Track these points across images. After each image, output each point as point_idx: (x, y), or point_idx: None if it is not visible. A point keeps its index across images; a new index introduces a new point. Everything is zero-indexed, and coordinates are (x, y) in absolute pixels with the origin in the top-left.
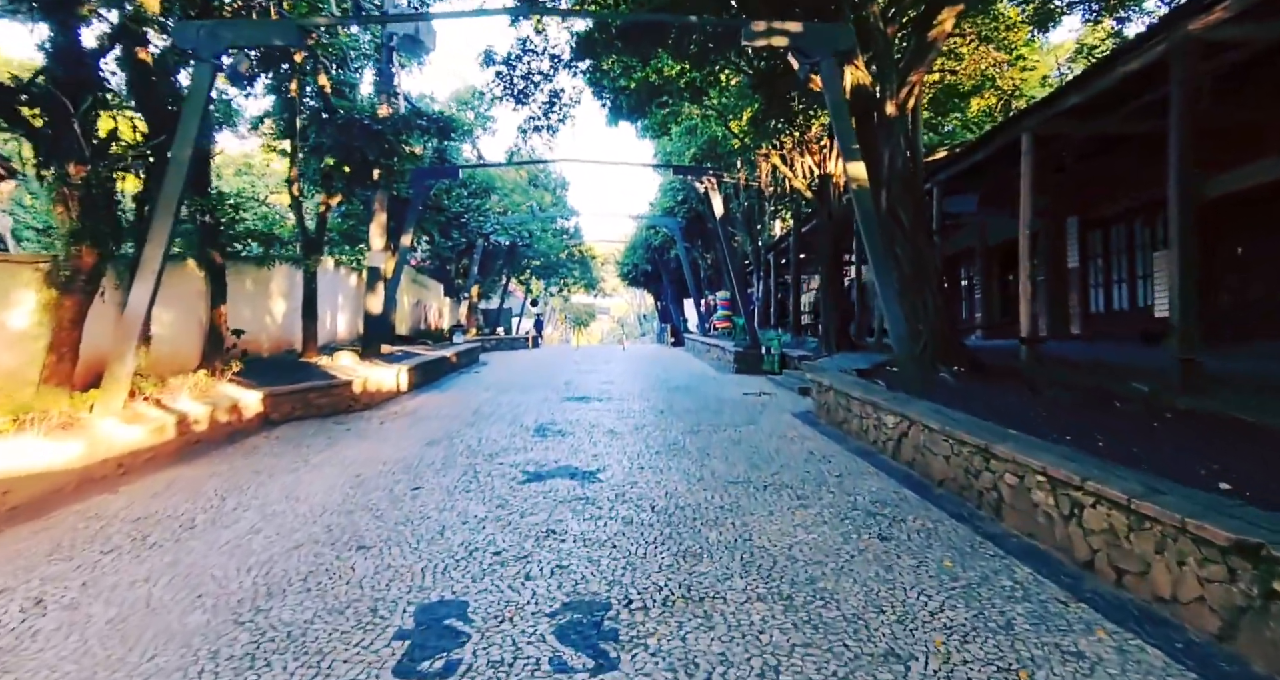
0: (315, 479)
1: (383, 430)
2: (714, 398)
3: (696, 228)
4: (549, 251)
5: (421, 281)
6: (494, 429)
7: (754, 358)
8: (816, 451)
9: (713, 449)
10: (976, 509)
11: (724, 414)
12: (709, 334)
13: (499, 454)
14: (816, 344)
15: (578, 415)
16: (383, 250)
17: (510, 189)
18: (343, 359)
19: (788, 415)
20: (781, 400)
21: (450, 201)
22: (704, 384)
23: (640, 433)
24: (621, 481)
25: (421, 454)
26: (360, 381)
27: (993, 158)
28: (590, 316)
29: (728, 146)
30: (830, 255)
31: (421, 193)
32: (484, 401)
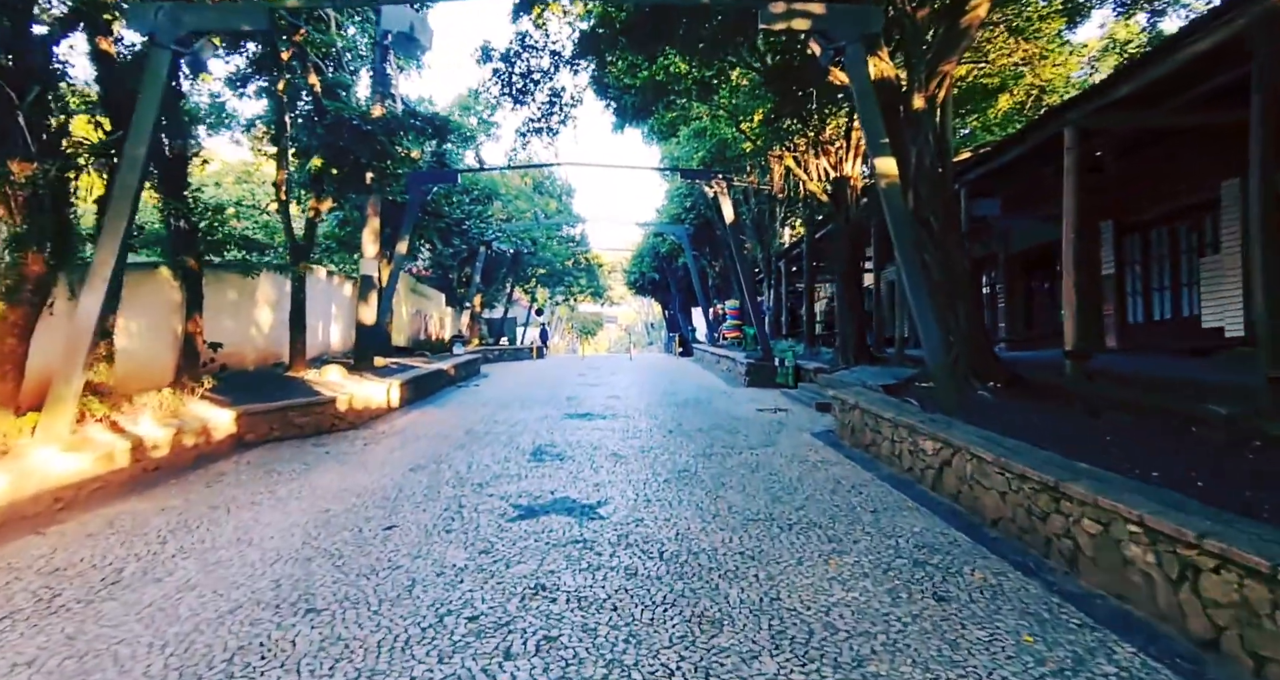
0: (277, 515)
1: (365, 453)
2: (726, 415)
3: (705, 235)
4: (554, 260)
5: (421, 290)
6: (487, 452)
7: (767, 370)
8: (844, 480)
9: (728, 477)
10: (1044, 558)
11: (738, 434)
12: (718, 344)
13: (489, 483)
14: (832, 355)
15: (580, 435)
16: (376, 257)
17: (514, 196)
18: (330, 373)
19: (807, 436)
20: (799, 417)
21: (451, 208)
22: (715, 398)
23: (647, 456)
24: (626, 518)
25: (402, 483)
26: (345, 398)
27: (1023, 157)
28: (597, 325)
29: (738, 150)
30: (847, 262)
31: (418, 198)
32: (479, 419)
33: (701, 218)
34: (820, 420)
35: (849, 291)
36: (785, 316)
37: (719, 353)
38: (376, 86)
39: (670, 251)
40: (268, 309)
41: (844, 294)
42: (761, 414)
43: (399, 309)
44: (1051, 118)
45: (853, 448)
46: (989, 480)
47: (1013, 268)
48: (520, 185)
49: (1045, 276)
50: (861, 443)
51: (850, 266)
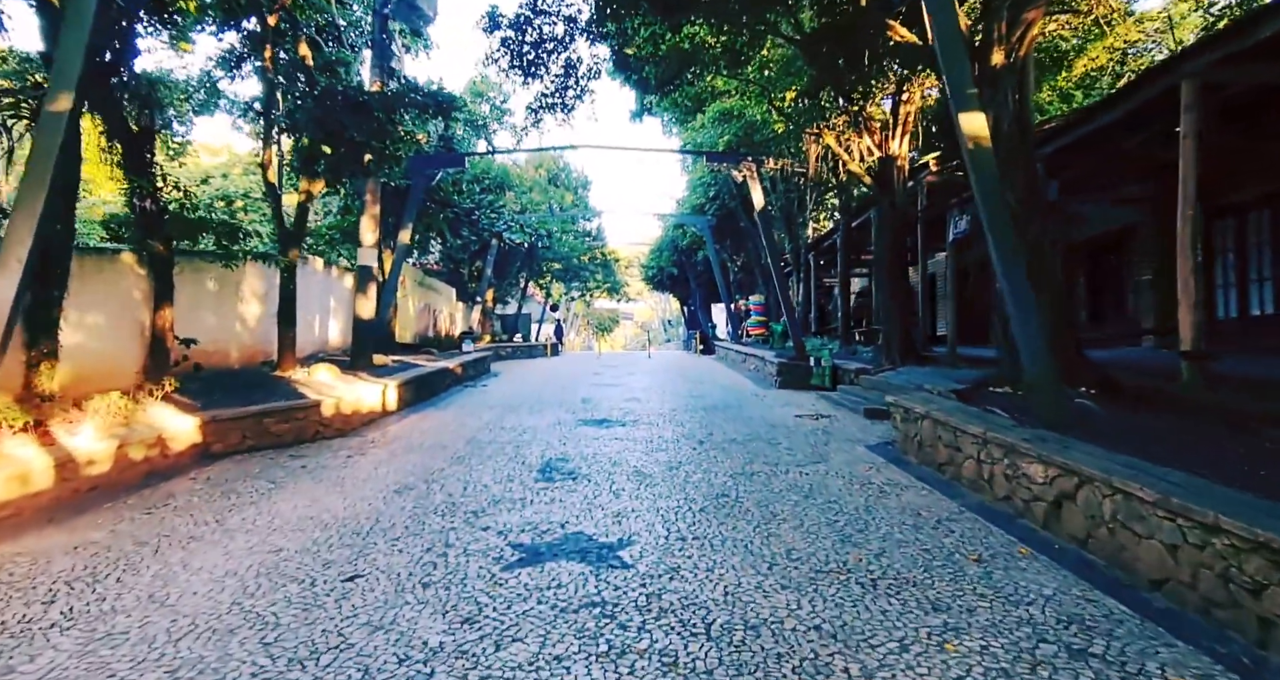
0: (215, 557)
1: (347, 468)
2: (762, 421)
3: (727, 227)
4: (570, 254)
5: (430, 284)
6: (488, 468)
7: (800, 371)
8: (924, 511)
9: (777, 504)
10: (1259, 649)
11: (779, 446)
12: (742, 341)
13: (486, 511)
14: (871, 354)
15: (596, 447)
16: (375, 246)
17: (528, 187)
18: (320, 373)
19: (861, 449)
20: (846, 426)
21: (460, 197)
22: (745, 402)
23: (676, 476)
24: (656, 566)
25: (382, 510)
26: (332, 402)
27: (1104, 129)
28: (614, 322)
29: (767, 132)
30: (892, 251)
31: (422, 183)
32: (484, 426)
33: (725, 208)
34: (872, 430)
35: (894, 284)
36: (814, 312)
37: (744, 350)
38: (376, 59)
39: (690, 245)
40: (255, 302)
41: (888, 287)
42: (801, 421)
43: (404, 304)
44: (1162, 72)
45: (920, 465)
46: (1145, 526)
47: (1074, 258)
48: (534, 177)
49: (1114, 266)
50: (933, 460)
51: (895, 257)
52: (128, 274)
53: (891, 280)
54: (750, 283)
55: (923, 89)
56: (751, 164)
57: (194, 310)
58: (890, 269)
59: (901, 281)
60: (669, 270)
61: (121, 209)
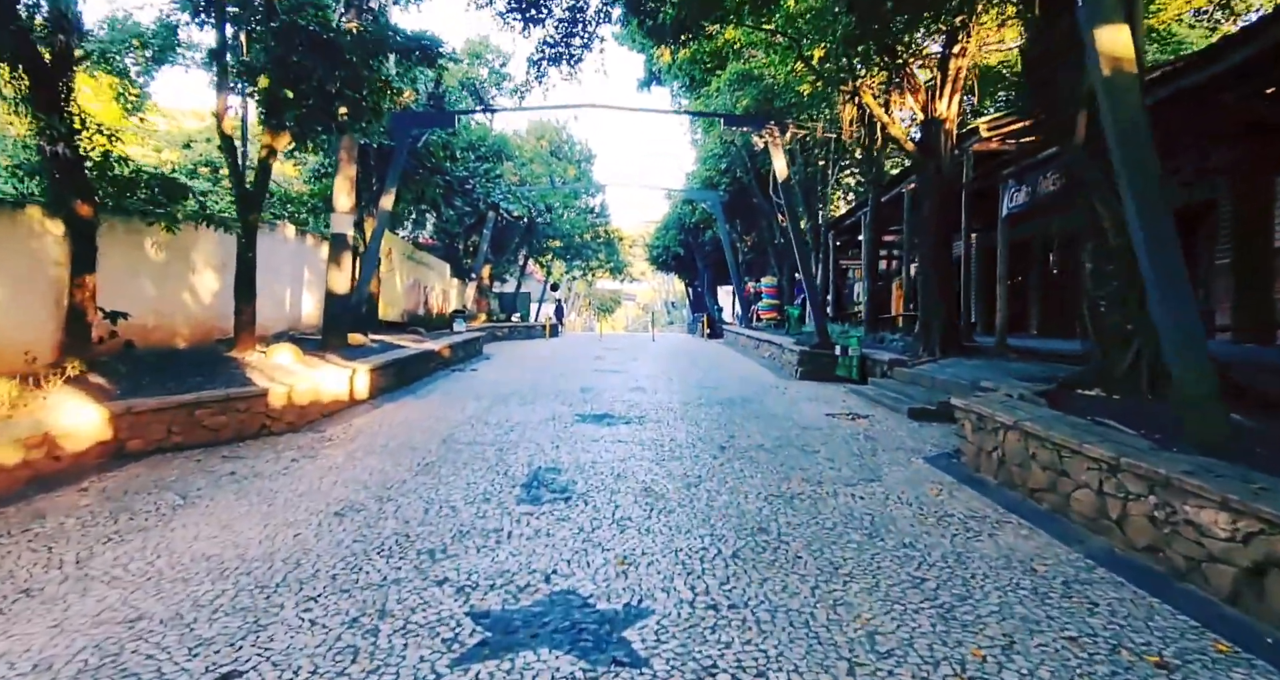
0: (33, 632)
1: (285, 477)
2: (789, 421)
3: (739, 204)
4: (571, 231)
5: (421, 259)
6: (460, 481)
7: (824, 360)
8: (1039, 564)
9: (835, 549)
10: None
11: (817, 455)
12: (753, 325)
13: (446, 549)
14: (902, 343)
15: (595, 452)
16: (351, 212)
17: (529, 158)
18: (279, 355)
19: (920, 463)
20: (889, 429)
21: (454, 165)
22: (766, 396)
23: (696, 497)
24: (680, 668)
25: (308, 545)
26: (283, 391)
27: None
28: (616, 303)
29: (790, 96)
30: (936, 227)
31: (406, 144)
32: (465, 421)
33: (737, 184)
34: (922, 435)
35: (937, 264)
36: (830, 296)
37: (757, 336)
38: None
39: (698, 223)
40: (210, 272)
41: (931, 268)
42: (836, 422)
43: (391, 279)
44: None
45: (1002, 488)
46: None
47: None
48: (535, 148)
49: (1184, 249)
50: (1020, 483)
51: (940, 233)
52: (37, 234)
53: (935, 260)
54: (761, 264)
55: (980, 38)
56: (774, 129)
57: (131, 279)
58: (934, 247)
59: (946, 261)
60: (675, 250)
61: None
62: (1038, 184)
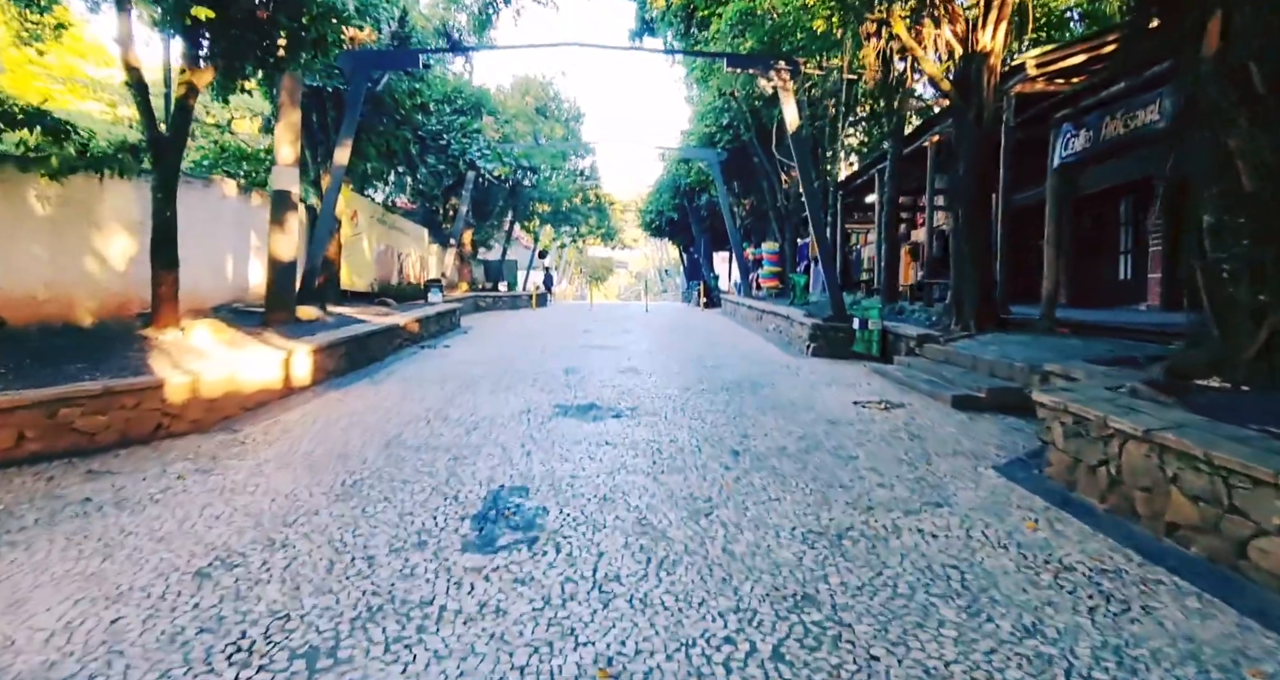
0: None
1: (155, 506)
2: (811, 412)
3: (738, 164)
4: (559, 194)
5: (394, 223)
6: (390, 511)
7: (840, 335)
8: (1256, 673)
9: (925, 640)
10: None
11: (856, 462)
12: (753, 294)
13: (337, 649)
14: (925, 316)
15: (576, 461)
16: (294, 165)
17: (512, 115)
18: (197, 333)
19: (990, 473)
20: (933, 422)
21: (427, 118)
22: (777, 378)
23: (709, 536)
24: None
25: (122, 643)
26: (188, 380)
27: None
28: (608, 271)
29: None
30: (975, 181)
31: (364, 87)
32: (419, 416)
33: (737, 141)
34: (975, 430)
35: (974, 226)
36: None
37: (759, 306)
38: None
39: (693, 185)
40: (125, 234)
41: (967, 229)
42: (868, 413)
43: (357, 244)
44: None
45: (1118, 516)
46: None
47: None
48: (520, 105)
49: None
50: (1149, 514)
51: (979, 189)
52: None
53: (971, 220)
54: (761, 229)
55: None
56: (785, 70)
57: (8, 241)
58: (971, 206)
59: (984, 222)
60: (669, 214)
61: None
62: (1100, 127)
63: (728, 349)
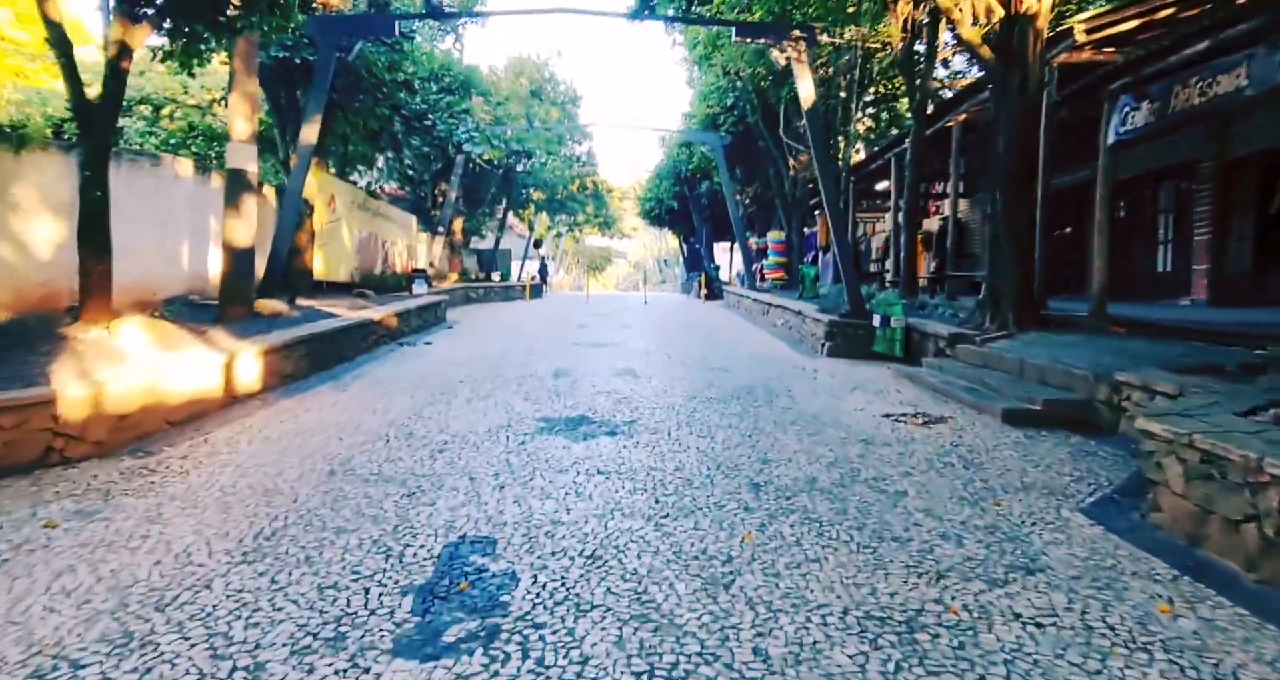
0: None
1: None
2: (838, 427)
3: (741, 149)
4: (555, 181)
5: (378, 209)
6: (306, 582)
7: (858, 332)
8: None
9: None
10: None
11: (908, 504)
12: (758, 286)
13: None
14: (950, 311)
15: (559, 499)
16: (251, 141)
17: (505, 97)
18: (125, 332)
19: (1081, 521)
20: (987, 443)
21: (410, 97)
22: (793, 382)
23: (734, 626)
24: None
25: None
26: (90, 392)
27: None
28: (606, 261)
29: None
30: (1017, 160)
31: (333, 56)
32: (378, 433)
33: (742, 124)
34: (1038, 453)
35: (1015, 212)
36: None
37: (764, 299)
38: None
39: (694, 172)
40: (52, 217)
41: (1006, 216)
42: (906, 431)
43: (335, 231)
44: None
45: (1272, 588)
46: None
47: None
48: (513, 87)
49: None
50: None
51: (1020, 168)
52: None
53: (1011, 206)
54: (764, 218)
55: None
56: (800, 40)
57: None
58: (1011, 190)
59: (1025, 208)
60: (669, 203)
61: None
62: (1169, 97)
63: (734, 347)
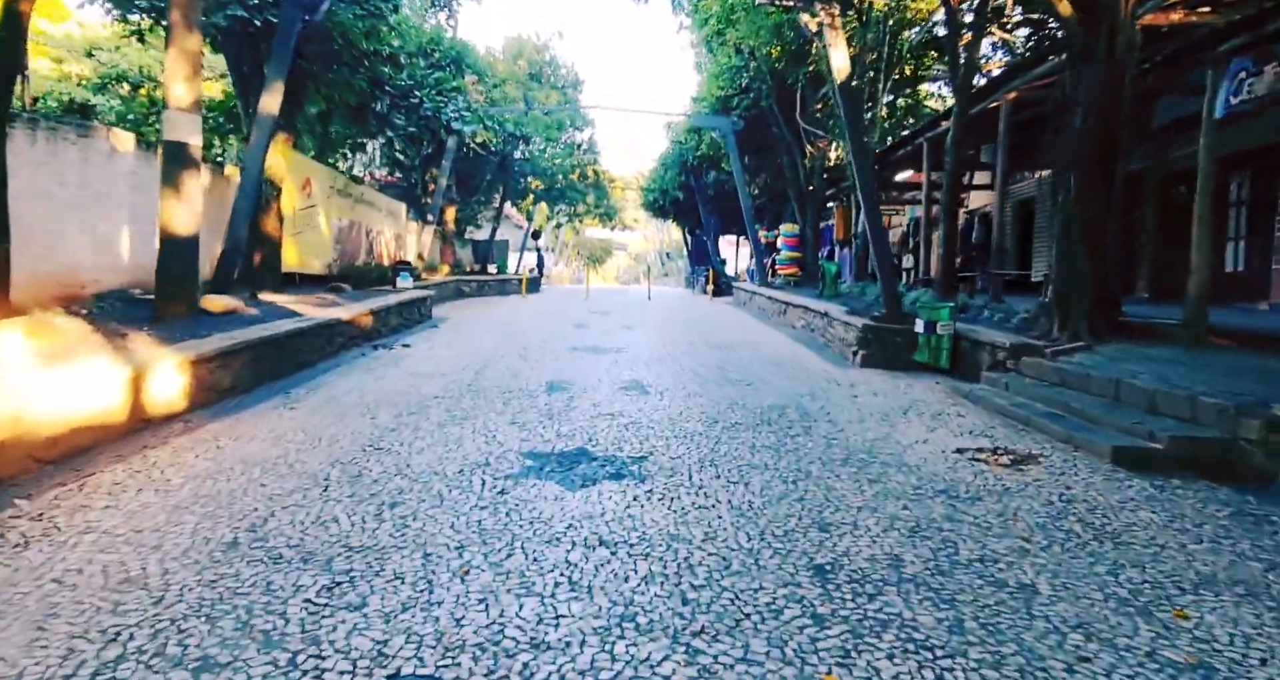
0: None
1: None
2: (905, 470)
3: (753, 135)
4: (555, 170)
5: (362, 195)
6: None
7: (896, 339)
8: None
9: None
10: None
11: (1050, 618)
12: (771, 283)
13: None
14: (996, 315)
15: (548, 593)
16: (194, 109)
17: (501, 79)
18: (3, 337)
19: None
20: (1109, 499)
21: (395, 72)
22: (831, 401)
23: None
24: None
25: None
26: None
27: None
28: (606, 253)
29: None
30: (1098, 140)
31: (296, 16)
32: (317, 476)
33: (755, 109)
34: (1184, 512)
35: (1090, 197)
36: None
37: (780, 297)
38: None
39: (701, 161)
40: None
41: (1081, 203)
42: (991, 475)
43: (310, 218)
44: None
45: None
46: None
47: None
48: (511, 69)
49: None
50: None
51: (1103, 148)
52: None
53: (1090, 189)
54: (776, 210)
55: None
56: (834, 5)
57: None
58: (1093, 169)
59: (1105, 193)
60: (674, 194)
61: None
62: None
63: (752, 353)
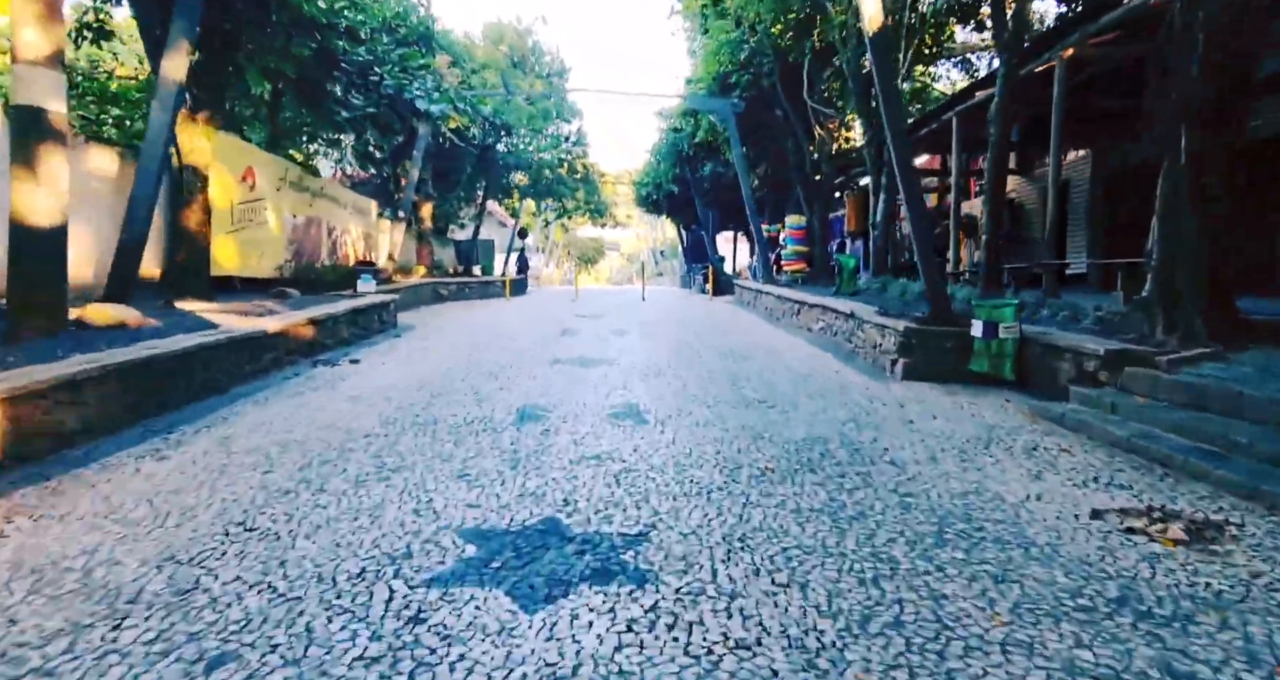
0: None
1: None
2: (1035, 554)
3: (753, 119)
4: (540, 163)
5: (322, 189)
6: None
7: (946, 345)
8: None
9: None
10: None
11: None
12: (778, 279)
13: None
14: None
15: None
16: (51, 62)
17: (480, 65)
18: None
19: None
20: None
21: (353, 46)
22: (884, 431)
23: None
24: None
25: None
26: None
27: None
28: (598, 253)
29: None
30: (1216, 90)
31: None
32: (120, 591)
33: (756, 88)
34: None
35: (1202, 164)
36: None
37: (791, 296)
38: None
39: (697, 151)
40: None
41: (1192, 172)
42: (1163, 561)
43: (256, 213)
44: None
45: None
46: None
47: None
48: (491, 55)
49: None
50: None
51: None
52: None
53: (1204, 154)
54: (776, 203)
55: None
56: None
57: None
58: (1207, 128)
59: (1221, 158)
60: (668, 188)
61: None
62: None
63: (768, 362)
